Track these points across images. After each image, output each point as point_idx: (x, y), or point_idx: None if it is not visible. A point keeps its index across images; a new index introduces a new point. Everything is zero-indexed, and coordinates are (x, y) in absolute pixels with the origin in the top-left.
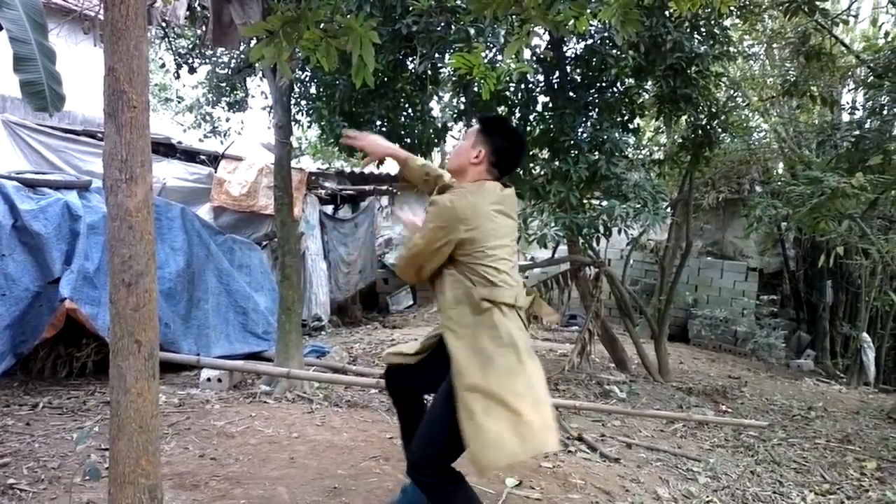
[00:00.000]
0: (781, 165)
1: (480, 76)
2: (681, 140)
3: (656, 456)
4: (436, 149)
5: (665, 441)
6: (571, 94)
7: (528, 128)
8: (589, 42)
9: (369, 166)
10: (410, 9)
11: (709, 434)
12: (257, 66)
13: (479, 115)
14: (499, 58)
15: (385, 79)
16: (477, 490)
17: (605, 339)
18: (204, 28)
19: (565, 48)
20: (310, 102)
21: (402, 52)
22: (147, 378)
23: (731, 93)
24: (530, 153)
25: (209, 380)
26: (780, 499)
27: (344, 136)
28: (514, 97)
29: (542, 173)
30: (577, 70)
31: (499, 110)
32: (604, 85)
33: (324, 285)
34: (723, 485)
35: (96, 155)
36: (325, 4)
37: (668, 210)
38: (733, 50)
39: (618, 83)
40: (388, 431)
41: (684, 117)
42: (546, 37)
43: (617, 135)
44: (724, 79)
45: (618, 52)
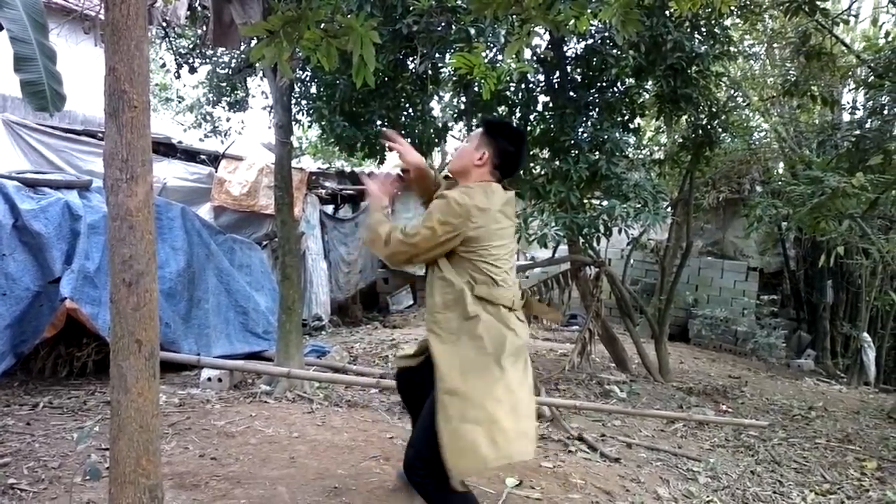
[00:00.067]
0: (782, 165)
1: (481, 76)
2: (681, 140)
3: (657, 456)
4: (436, 149)
5: (665, 441)
6: (572, 93)
7: (528, 128)
8: (589, 42)
9: (368, 167)
10: (411, 9)
11: (709, 434)
12: (258, 65)
13: (482, 118)
14: (499, 58)
15: (385, 79)
16: (477, 490)
17: (606, 338)
18: (204, 28)
19: (566, 48)
20: (310, 102)
21: (402, 51)
22: (147, 378)
23: (732, 93)
24: (530, 153)
25: (209, 379)
26: (780, 499)
27: (383, 134)
28: (515, 97)
29: (543, 173)
30: (578, 70)
31: (499, 110)
32: (604, 85)
33: (324, 285)
34: (723, 485)
35: (97, 155)
36: (326, 4)
37: (669, 210)
38: (734, 50)
39: (618, 83)
40: (389, 431)
41: (685, 117)
42: (546, 37)
43: (617, 135)
44: (724, 78)
45: (618, 52)
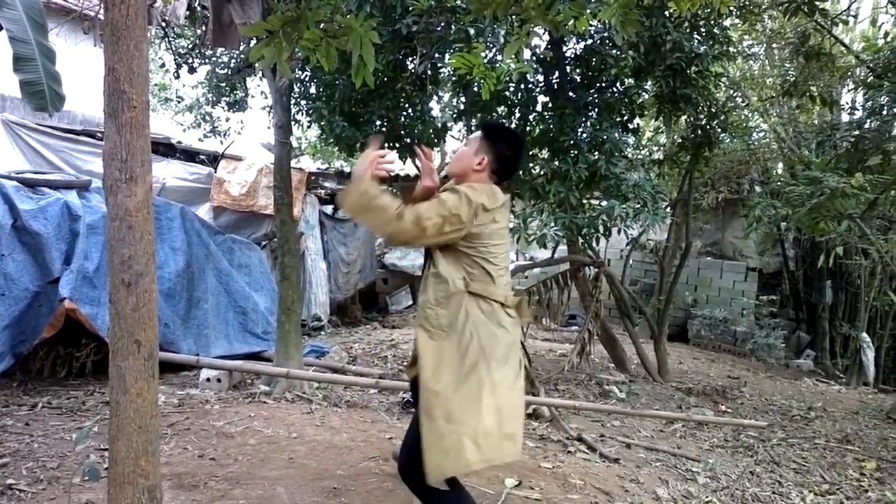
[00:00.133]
0: (781, 165)
1: (480, 76)
2: (680, 140)
3: (656, 456)
4: (436, 148)
5: (664, 441)
6: (571, 94)
7: (527, 128)
8: (589, 42)
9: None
10: (410, 9)
11: (708, 434)
12: (257, 65)
13: (481, 122)
14: (499, 58)
15: (385, 79)
16: (476, 490)
17: (605, 339)
18: (204, 28)
19: (565, 48)
20: (310, 102)
21: (402, 52)
22: (146, 378)
23: (731, 93)
24: (530, 153)
25: (208, 380)
26: (779, 499)
27: (420, 148)
28: (514, 97)
29: (542, 173)
30: (577, 70)
31: (498, 110)
32: (603, 85)
33: (323, 285)
34: (722, 485)
35: (96, 155)
36: (325, 4)
37: (668, 210)
38: (733, 50)
39: (617, 83)
40: (388, 432)
41: (684, 117)
42: (546, 37)
43: (617, 135)
44: (723, 79)
45: (617, 52)
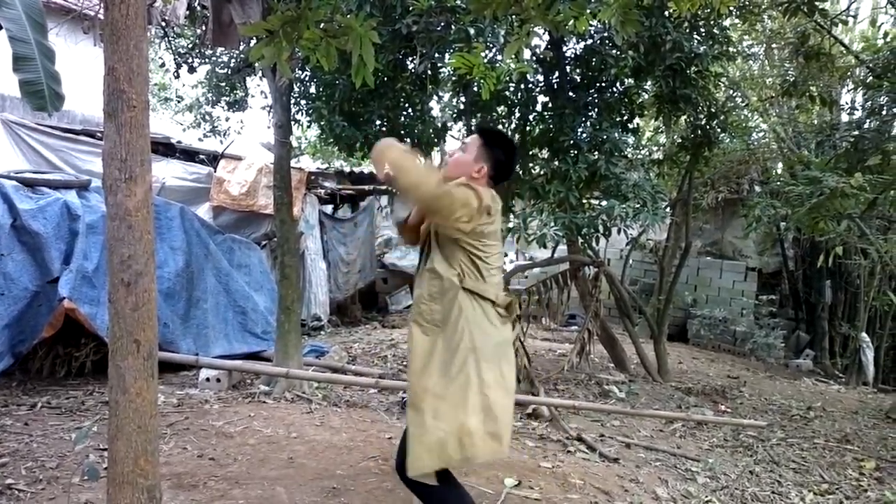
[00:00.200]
0: (780, 165)
1: (480, 76)
2: (680, 140)
3: (655, 456)
4: (435, 148)
5: (664, 441)
6: (571, 94)
7: (527, 128)
8: (588, 42)
9: (368, 167)
10: (410, 9)
11: (708, 434)
12: (257, 65)
13: (478, 126)
14: (499, 58)
15: (385, 78)
16: (476, 490)
17: (605, 338)
18: (204, 28)
19: (565, 48)
20: (309, 102)
21: (402, 51)
22: (146, 378)
23: (731, 93)
24: (530, 153)
25: (208, 380)
26: (778, 499)
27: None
28: (514, 97)
29: (542, 173)
30: (577, 70)
31: (498, 110)
32: (603, 85)
33: (323, 285)
34: (722, 485)
35: (95, 154)
36: (325, 4)
37: (668, 210)
38: (732, 50)
39: (617, 83)
40: (388, 431)
41: (683, 117)
42: (546, 37)
43: (616, 135)
44: (723, 79)
45: (617, 53)
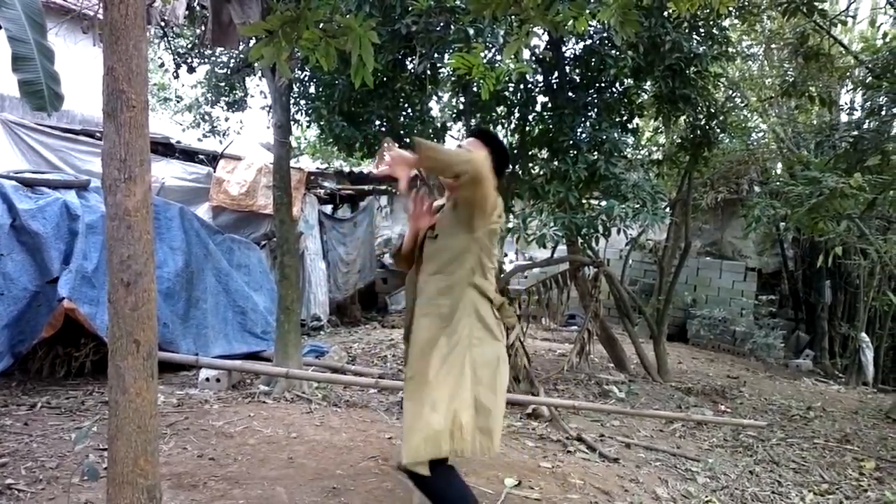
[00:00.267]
0: (780, 166)
1: (480, 76)
2: (679, 140)
3: (655, 456)
4: None
5: (664, 441)
6: (570, 94)
7: (527, 128)
8: (588, 42)
9: (368, 167)
10: (410, 9)
11: (708, 434)
12: (256, 65)
13: (480, 131)
14: (498, 58)
15: (384, 79)
16: (476, 490)
17: (604, 338)
18: (203, 28)
19: (564, 48)
20: (309, 102)
21: (401, 52)
22: (145, 378)
23: (730, 93)
24: (529, 153)
25: (208, 380)
26: (778, 499)
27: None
28: (514, 97)
29: (542, 173)
30: (576, 70)
31: (498, 110)
32: (603, 85)
33: (323, 285)
34: (721, 485)
35: (95, 154)
36: (325, 4)
37: (667, 210)
38: (732, 50)
39: (617, 83)
40: (387, 431)
41: (683, 117)
42: (545, 37)
43: (616, 135)
44: (722, 79)
45: (617, 53)
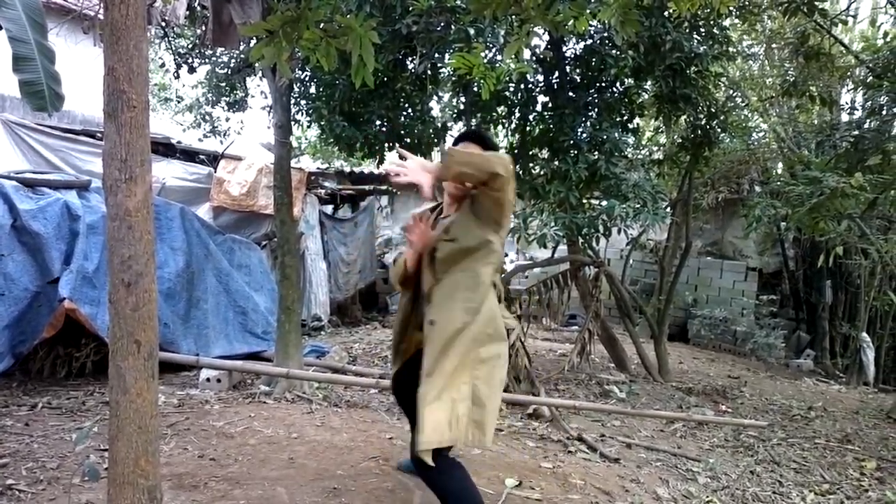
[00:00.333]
0: (781, 165)
1: (480, 76)
2: (680, 140)
3: (656, 456)
4: (436, 148)
5: (665, 441)
6: (571, 94)
7: (527, 128)
8: (588, 42)
9: (368, 167)
10: (410, 9)
11: (708, 434)
12: (257, 65)
13: (477, 133)
14: (498, 58)
15: (385, 79)
16: None
17: (605, 338)
18: (204, 28)
19: (565, 48)
20: (309, 102)
21: (401, 52)
22: (146, 378)
23: (731, 93)
24: (530, 153)
25: (208, 380)
26: (779, 499)
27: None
28: (514, 97)
29: (542, 173)
30: (577, 70)
31: (498, 110)
32: (603, 85)
33: (323, 285)
34: (722, 485)
35: (96, 155)
36: (325, 4)
37: (668, 210)
38: (732, 50)
39: (617, 83)
40: (388, 432)
41: (683, 117)
42: (546, 37)
43: (616, 135)
44: (723, 79)
45: (617, 53)
